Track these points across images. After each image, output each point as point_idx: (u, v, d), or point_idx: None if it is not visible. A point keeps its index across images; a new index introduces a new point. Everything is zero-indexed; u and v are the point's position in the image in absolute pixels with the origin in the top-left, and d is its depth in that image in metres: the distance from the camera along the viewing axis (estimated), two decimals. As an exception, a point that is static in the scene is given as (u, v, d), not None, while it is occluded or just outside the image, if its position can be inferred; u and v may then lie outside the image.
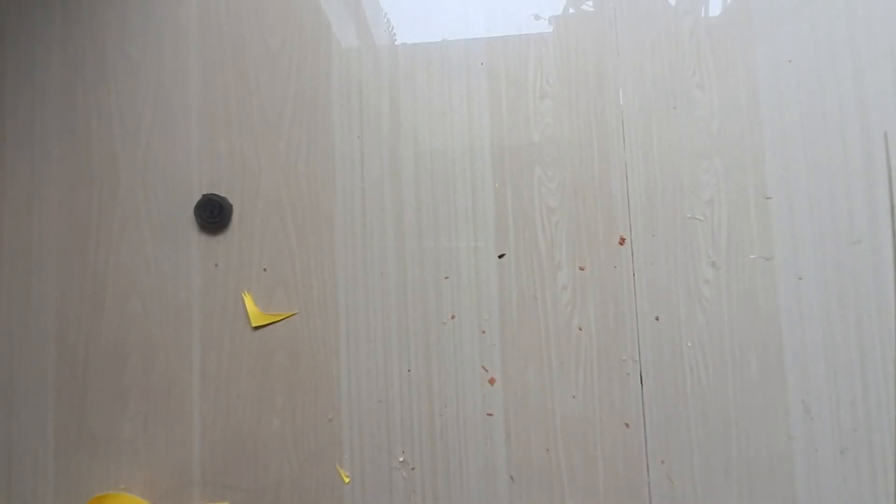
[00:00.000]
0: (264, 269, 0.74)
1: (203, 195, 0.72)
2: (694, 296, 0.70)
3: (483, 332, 0.72)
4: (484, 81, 0.75)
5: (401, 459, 0.71)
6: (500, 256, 0.72)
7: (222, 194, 0.75)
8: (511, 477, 0.70)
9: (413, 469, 0.71)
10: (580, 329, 0.71)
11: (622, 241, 0.71)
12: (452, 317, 0.72)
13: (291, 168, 0.75)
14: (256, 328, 0.74)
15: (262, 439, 0.72)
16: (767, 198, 0.70)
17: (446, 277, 0.73)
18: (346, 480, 0.71)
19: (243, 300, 0.74)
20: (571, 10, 0.75)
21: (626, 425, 0.69)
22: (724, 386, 0.69)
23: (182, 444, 0.72)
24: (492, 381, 0.71)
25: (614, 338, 0.70)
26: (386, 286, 0.73)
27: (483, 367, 0.71)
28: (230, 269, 0.74)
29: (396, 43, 0.76)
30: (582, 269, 0.71)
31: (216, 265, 0.75)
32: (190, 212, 0.75)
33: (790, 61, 0.71)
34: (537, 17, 0.75)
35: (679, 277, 0.70)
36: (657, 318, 0.70)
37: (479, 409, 0.71)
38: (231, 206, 0.71)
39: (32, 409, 0.74)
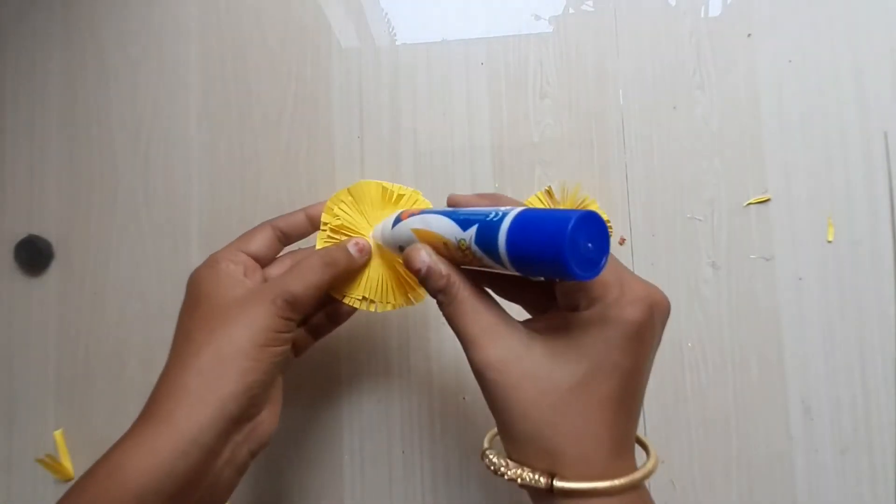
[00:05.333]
0: (264, 269, 0.74)
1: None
2: (694, 296, 0.70)
3: (483, 332, 0.71)
4: (484, 81, 0.75)
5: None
6: (500, 256, 0.72)
7: (223, 195, 0.75)
8: (511, 477, 0.69)
9: (413, 469, 0.71)
10: (580, 329, 0.70)
11: (622, 242, 0.71)
12: (452, 317, 0.72)
13: (291, 168, 0.75)
14: (256, 328, 0.73)
15: (262, 439, 0.71)
16: (767, 198, 0.70)
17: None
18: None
19: (243, 300, 0.74)
20: (571, 10, 0.75)
21: (626, 425, 0.69)
22: (724, 386, 0.69)
23: (182, 444, 0.72)
24: (492, 381, 0.71)
25: (614, 338, 0.70)
26: (386, 286, 0.73)
27: (483, 367, 0.71)
28: (230, 269, 0.74)
29: (396, 43, 0.76)
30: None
31: (216, 265, 0.74)
32: (190, 212, 0.75)
33: (790, 61, 0.71)
34: (537, 17, 0.75)
35: (679, 277, 0.70)
36: (657, 318, 0.70)
37: (480, 409, 0.71)
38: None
39: (32, 410, 0.74)
